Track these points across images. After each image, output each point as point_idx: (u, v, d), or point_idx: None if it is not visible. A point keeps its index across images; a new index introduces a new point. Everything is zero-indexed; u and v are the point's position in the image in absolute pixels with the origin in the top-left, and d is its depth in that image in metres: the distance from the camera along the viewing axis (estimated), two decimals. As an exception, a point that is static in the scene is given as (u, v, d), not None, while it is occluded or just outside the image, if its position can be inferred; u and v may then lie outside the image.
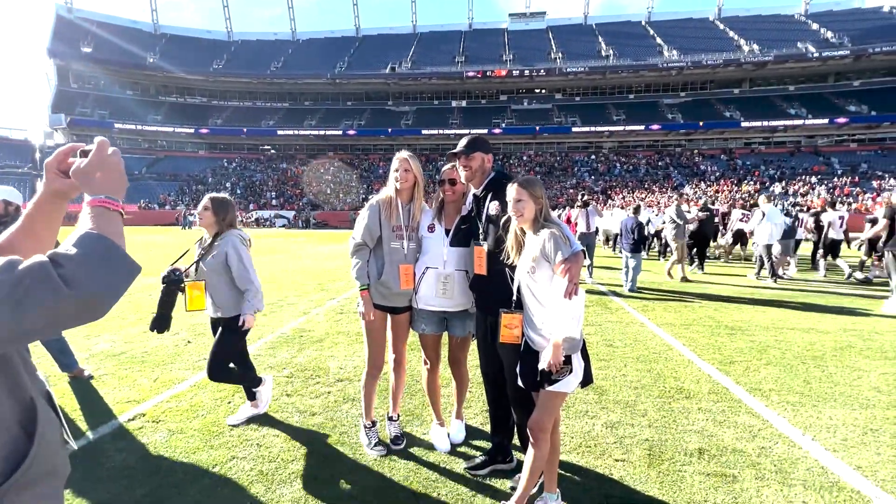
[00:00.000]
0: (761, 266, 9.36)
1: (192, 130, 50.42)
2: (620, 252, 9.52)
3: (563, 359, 1.94)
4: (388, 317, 2.75)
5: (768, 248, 9.08)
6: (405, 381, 3.00)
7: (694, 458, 2.66)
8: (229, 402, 3.35)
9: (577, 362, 2.02)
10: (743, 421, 3.11)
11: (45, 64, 50.50)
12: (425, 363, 2.83)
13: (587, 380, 2.10)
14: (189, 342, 4.83)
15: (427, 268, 2.62)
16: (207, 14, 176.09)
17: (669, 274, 9.42)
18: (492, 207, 2.39)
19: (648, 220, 13.06)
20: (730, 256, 12.86)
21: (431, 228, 2.65)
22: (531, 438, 2.08)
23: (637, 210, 9.05)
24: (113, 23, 55.70)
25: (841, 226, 9.66)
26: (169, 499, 2.27)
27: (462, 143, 2.52)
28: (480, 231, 2.46)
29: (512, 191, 2.12)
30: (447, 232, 2.62)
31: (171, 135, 50.98)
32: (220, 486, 2.38)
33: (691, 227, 9.68)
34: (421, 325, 2.71)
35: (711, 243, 11.93)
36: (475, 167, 2.48)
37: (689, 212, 10.80)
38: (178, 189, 44.50)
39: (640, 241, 8.20)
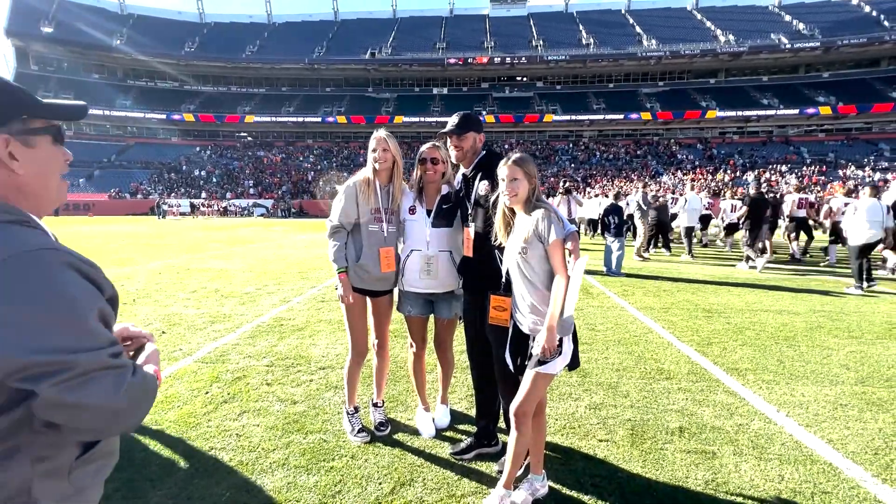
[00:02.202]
0: (690, 246, 10.71)
1: (163, 116, 48.55)
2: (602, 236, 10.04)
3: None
4: (368, 300, 2.69)
5: (688, 230, 10.73)
6: (389, 366, 2.95)
7: (675, 436, 2.71)
8: (207, 393, 3.25)
9: (567, 345, 1.99)
10: (721, 399, 3.19)
11: (3, 44, 47.67)
12: (411, 346, 2.80)
13: (574, 363, 2.08)
14: (163, 332, 4.67)
15: (412, 250, 2.58)
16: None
17: (639, 255, 10.22)
18: (481, 188, 2.31)
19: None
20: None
21: (413, 210, 2.60)
22: (513, 422, 2.06)
23: (617, 196, 9.22)
24: (76, 1, 52.81)
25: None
26: (144, 493, 2.18)
27: (454, 120, 2.39)
28: (469, 212, 2.39)
29: (505, 169, 2.03)
30: (428, 213, 2.57)
31: (142, 121, 48.98)
32: (197, 477, 2.30)
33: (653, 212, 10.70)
34: (407, 307, 2.67)
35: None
36: (467, 147, 2.38)
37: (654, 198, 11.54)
38: (149, 177, 42.95)
39: (621, 224, 8.37)
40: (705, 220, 12.54)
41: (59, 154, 0.92)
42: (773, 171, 35.74)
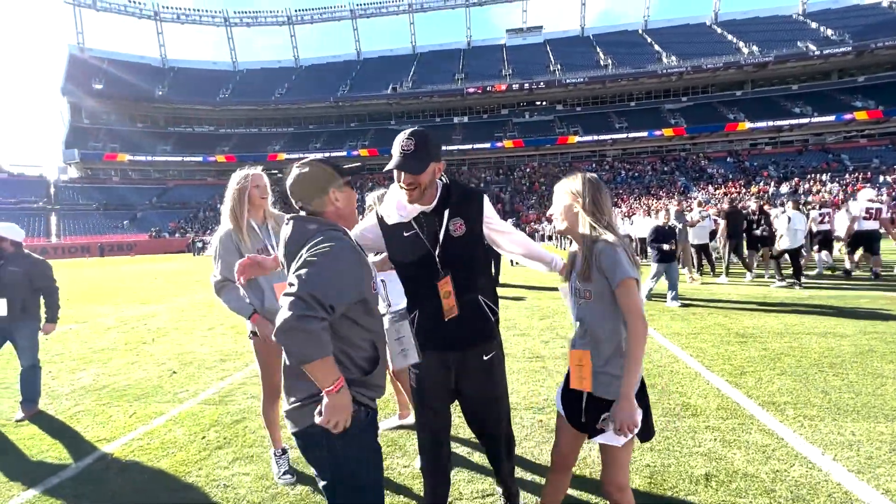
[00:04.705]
0: (700, 263, 10.41)
1: (200, 159, 51.47)
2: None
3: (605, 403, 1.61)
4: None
5: (699, 247, 10.10)
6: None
7: (699, 485, 2.40)
8: (203, 438, 3.17)
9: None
10: (755, 440, 2.84)
11: (59, 102, 52.30)
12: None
13: (647, 433, 1.66)
14: (174, 373, 4.68)
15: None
16: (213, 46, 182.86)
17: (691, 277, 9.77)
18: (454, 225, 1.84)
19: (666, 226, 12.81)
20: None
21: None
22: (610, 500, 1.72)
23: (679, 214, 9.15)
24: (123, 59, 57.68)
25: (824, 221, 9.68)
26: (119, 552, 2.08)
27: (406, 146, 1.71)
28: (436, 256, 1.83)
29: (555, 190, 1.78)
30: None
31: (180, 164, 52.06)
32: (176, 535, 2.18)
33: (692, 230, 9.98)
34: None
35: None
36: (426, 183, 1.75)
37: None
38: (186, 216, 45.22)
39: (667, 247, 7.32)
40: (713, 236, 11.87)
41: (354, 195, 1.59)
42: (812, 181, 34.05)
